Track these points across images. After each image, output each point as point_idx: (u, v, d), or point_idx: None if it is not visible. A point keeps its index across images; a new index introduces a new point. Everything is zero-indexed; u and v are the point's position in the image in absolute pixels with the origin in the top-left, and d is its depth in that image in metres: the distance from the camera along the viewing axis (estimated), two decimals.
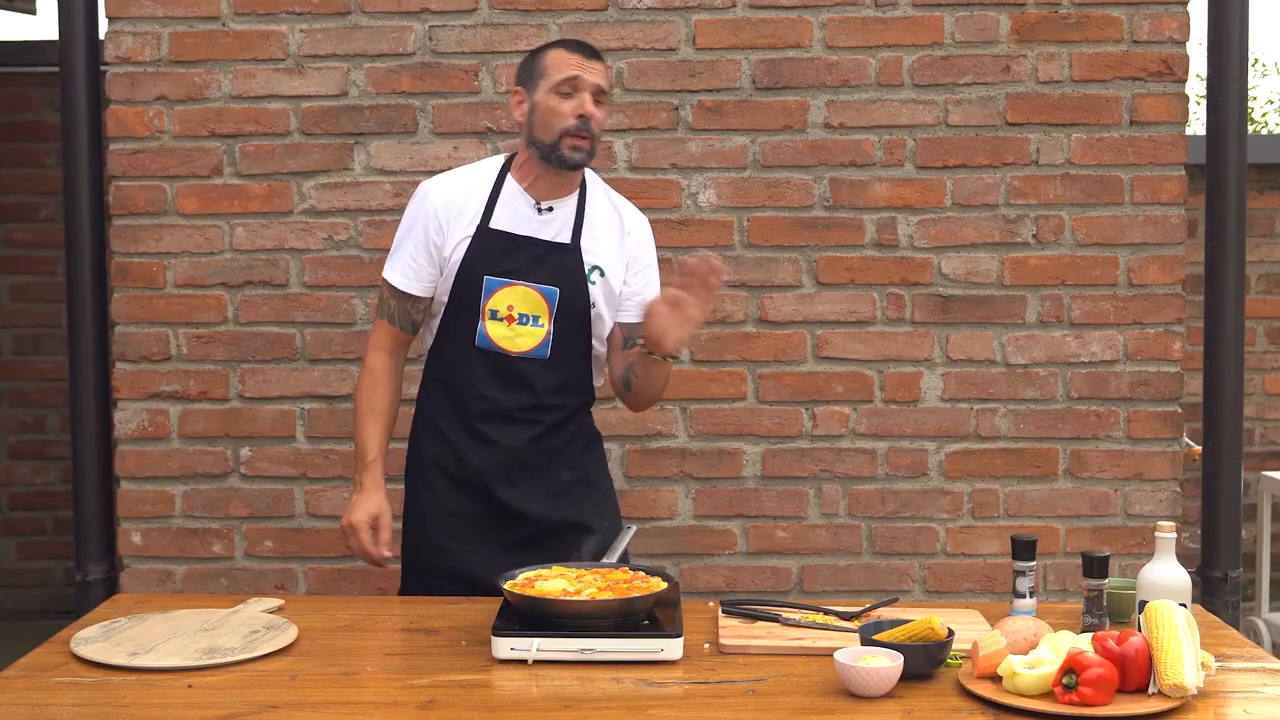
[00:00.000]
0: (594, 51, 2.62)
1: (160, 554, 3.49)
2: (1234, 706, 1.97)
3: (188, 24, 3.42)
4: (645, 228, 2.76)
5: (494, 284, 2.60)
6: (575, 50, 2.60)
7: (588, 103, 2.56)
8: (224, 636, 2.24)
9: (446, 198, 2.65)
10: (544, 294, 2.59)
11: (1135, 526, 3.43)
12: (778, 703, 1.97)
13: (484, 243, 2.61)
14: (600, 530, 2.66)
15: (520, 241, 2.61)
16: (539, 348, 2.61)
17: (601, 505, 2.76)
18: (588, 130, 2.56)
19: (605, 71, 2.62)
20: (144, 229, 3.46)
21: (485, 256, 2.60)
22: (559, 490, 2.67)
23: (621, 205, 2.74)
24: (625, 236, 2.70)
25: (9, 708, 1.96)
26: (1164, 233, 3.39)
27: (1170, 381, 3.41)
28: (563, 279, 2.60)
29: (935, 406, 3.44)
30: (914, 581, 3.48)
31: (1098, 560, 2.30)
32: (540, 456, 2.65)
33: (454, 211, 2.63)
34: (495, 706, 1.98)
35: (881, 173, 3.40)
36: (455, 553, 2.68)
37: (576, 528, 2.64)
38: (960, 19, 3.37)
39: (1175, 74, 3.35)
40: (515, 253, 2.61)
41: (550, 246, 2.62)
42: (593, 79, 2.57)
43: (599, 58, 2.62)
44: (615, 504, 2.82)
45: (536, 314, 2.60)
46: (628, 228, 2.71)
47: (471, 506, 2.68)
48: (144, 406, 3.48)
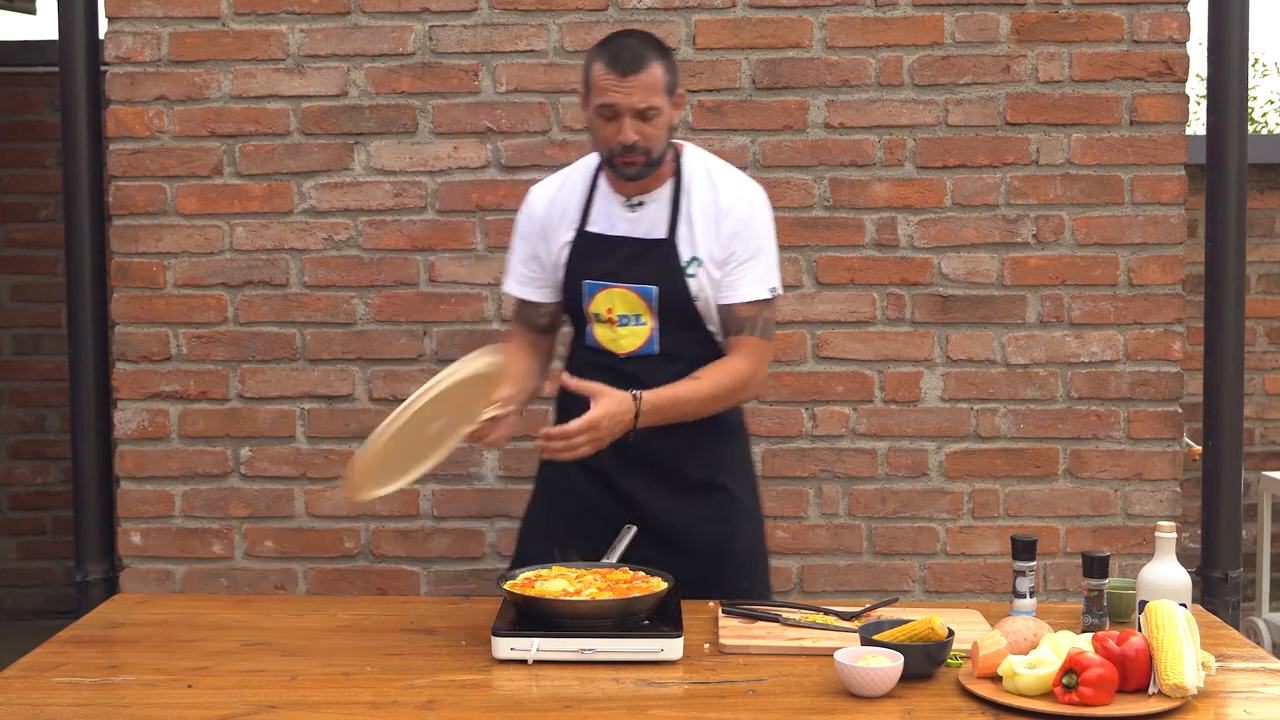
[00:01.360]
0: (634, 62, 2.43)
1: (160, 554, 3.49)
2: (1234, 706, 1.97)
3: (188, 24, 3.42)
4: (748, 203, 2.56)
5: (593, 287, 2.57)
6: (612, 67, 2.44)
7: (625, 130, 2.43)
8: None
9: (546, 204, 2.64)
10: (641, 294, 2.54)
11: (1135, 526, 3.43)
12: (778, 703, 1.97)
13: (582, 246, 2.58)
14: (720, 533, 2.61)
15: (614, 242, 2.56)
16: (645, 346, 2.56)
17: (726, 508, 2.65)
18: (634, 151, 2.45)
19: (647, 84, 2.43)
20: (144, 229, 3.46)
21: (583, 260, 2.58)
22: (683, 489, 2.60)
23: (722, 182, 2.57)
24: (723, 217, 2.54)
25: (9, 708, 1.96)
26: (1164, 233, 3.39)
27: (1170, 381, 3.42)
28: (660, 276, 2.52)
29: (935, 406, 3.44)
30: (914, 581, 3.48)
31: (1098, 560, 2.30)
32: (661, 455, 2.56)
33: (554, 216, 2.62)
34: (495, 706, 1.98)
35: (881, 173, 3.40)
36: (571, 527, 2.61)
37: (697, 527, 2.58)
38: (960, 19, 3.37)
39: (1175, 74, 3.35)
40: (611, 254, 2.55)
41: (645, 244, 2.54)
42: (630, 101, 2.42)
43: (639, 68, 2.42)
44: (745, 504, 2.69)
45: (638, 313, 2.55)
46: (724, 206, 2.54)
47: (594, 494, 2.61)
48: (144, 406, 3.48)
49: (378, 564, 3.49)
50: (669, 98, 2.49)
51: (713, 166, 2.61)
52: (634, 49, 2.46)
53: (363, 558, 3.49)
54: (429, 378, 3.43)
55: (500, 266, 3.44)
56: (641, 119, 2.44)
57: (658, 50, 2.49)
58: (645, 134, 2.45)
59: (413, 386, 3.42)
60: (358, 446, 2.32)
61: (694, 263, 2.53)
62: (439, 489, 3.47)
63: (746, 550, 2.69)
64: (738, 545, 2.67)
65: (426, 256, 3.44)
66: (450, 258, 3.44)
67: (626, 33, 2.57)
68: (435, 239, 3.44)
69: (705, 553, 2.59)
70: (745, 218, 2.55)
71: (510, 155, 3.42)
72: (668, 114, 2.48)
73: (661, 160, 2.51)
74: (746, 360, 2.55)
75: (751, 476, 2.75)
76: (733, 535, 2.65)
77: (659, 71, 2.46)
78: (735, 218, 2.54)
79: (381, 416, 3.43)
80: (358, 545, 3.49)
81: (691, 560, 2.54)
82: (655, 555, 2.50)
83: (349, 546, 3.49)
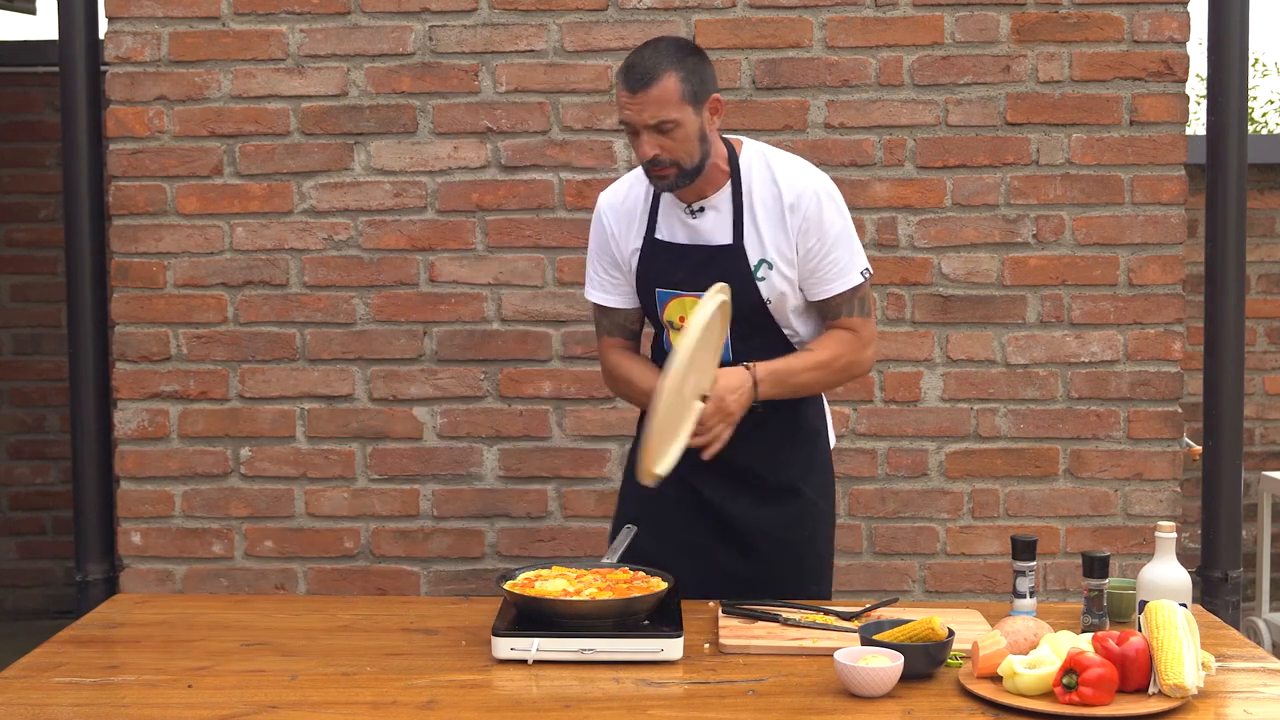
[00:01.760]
0: (642, 78, 2.38)
1: (160, 554, 3.49)
2: (1234, 706, 1.97)
3: (188, 24, 3.42)
4: (812, 196, 2.49)
5: (665, 296, 2.56)
6: (624, 84, 2.40)
7: (643, 146, 2.40)
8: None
9: (615, 210, 2.61)
10: None
11: (1135, 526, 3.43)
12: (778, 703, 1.97)
13: (652, 254, 2.56)
14: (799, 539, 2.61)
15: (682, 250, 2.52)
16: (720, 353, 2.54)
17: (804, 512, 2.62)
18: (658, 165, 2.42)
19: (658, 98, 2.37)
20: (144, 229, 3.46)
21: (654, 268, 2.56)
22: (764, 494, 2.59)
23: (784, 177, 2.50)
24: (788, 214, 2.48)
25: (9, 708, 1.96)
26: (1164, 233, 3.39)
27: (1170, 381, 3.42)
28: (728, 281, 2.44)
29: (935, 406, 3.44)
30: (914, 581, 3.48)
31: (1098, 560, 2.30)
32: (742, 458, 2.53)
33: (623, 223, 2.60)
34: (495, 706, 1.98)
35: (881, 173, 3.40)
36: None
37: (776, 533, 2.58)
38: (960, 19, 3.37)
39: (1175, 74, 3.35)
40: (680, 262, 2.52)
41: (712, 251, 2.50)
42: (642, 117, 2.38)
43: (647, 83, 2.37)
44: (822, 508, 2.66)
45: None
46: (789, 202, 2.48)
47: (679, 497, 2.60)
48: (144, 406, 3.48)
49: (378, 564, 3.49)
50: (692, 106, 2.41)
51: (773, 160, 2.54)
52: (646, 62, 2.40)
53: (363, 558, 3.49)
54: (429, 378, 3.47)
55: (500, 266, 3.44)
56: (659, 133, 2.40)
57: (675, 60, 2.41)
58: (666, 147, 2.40)
59: (413, 387, 3.46)
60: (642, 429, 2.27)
61: (763, 265, 2.50)
62: (439, 489, 3.48)
63: (819, 555, 2.70)
64: (812, 550, 2.67)
65: (426, 256, 3.44)
66: (450, 258, 3.44)
67: (650, 43, 2.48)
68: (435, 239, 3.44)
69: (782, 558, 2.59)
70: (812, 211, 2.49)
71: (510, 155, 3.42)
72: (692, 123, 2.41)
73: (699, 170, 2.46)
74: (854, 333, 2.55)
75: (829, 479, 2.74)
76: (809, 540, 2.66)
77: (672, 83, 2.38)
78: (801, 213, 2.48)
79: (381, 416, 3.46)
80: (358, 545, 3.49)
81: (769, 565, 2.56)
82: (733, 560, 2.55)
83: (349, 546, 3.49)
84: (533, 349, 3.45)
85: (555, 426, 3.47)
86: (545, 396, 3.46)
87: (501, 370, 3.45)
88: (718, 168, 2.51)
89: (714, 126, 2.49)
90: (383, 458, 3.48)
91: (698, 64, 2.45)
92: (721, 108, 2.50)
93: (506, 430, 3.47)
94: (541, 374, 3.45)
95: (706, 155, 2.47)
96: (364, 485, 3.48)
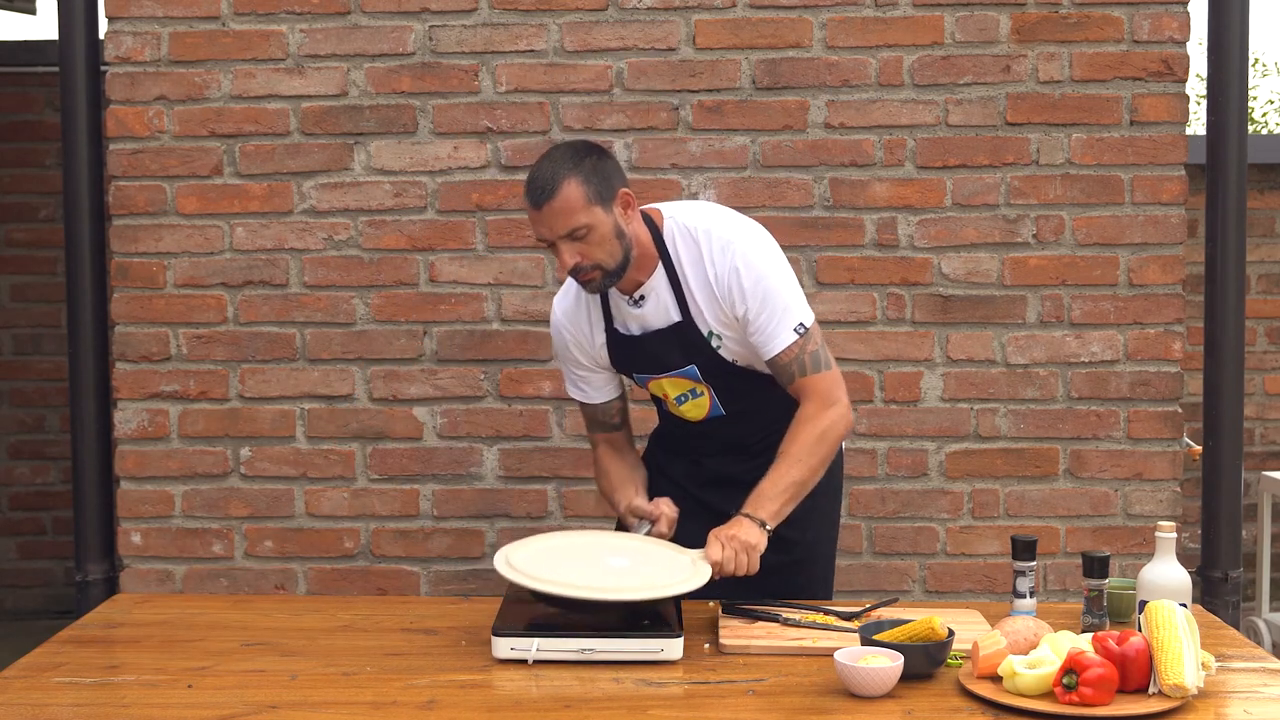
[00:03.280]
0: (541, 191, 2.35)
1: (160, 554, 3.49)
2: (1234, 706, 1.97)
3: (188, 24, 3.42)
4: (729, 264, 2.44)
5: (642, 379, 2.61)
6: (528, 200, 2.38)
7: (562, 256, 2.37)
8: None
9: (569, 319, 2.62)
10: (684, 375, 2.55)
11: (1135, 526, 3.43)
12: (778, 703, 1.97)
13: (616, 345, 2.59)
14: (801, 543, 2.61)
15: (640, 340, 2.55)
16: (711, 411, 2.59)
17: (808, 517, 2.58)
18: (582, 271, 2.39)
19: (561, 209, 2.34)
20: (144, 229, 3.46)
21: (622, 358, 2.60)
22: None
23: (705, 245, 2.47)
24: (714, 286, 2.46)
25: (9, 708, 1.96)
26: (1164, 233, 3.39)
27: (1170, 381, 3.41)
28: (692, 355, 2.52)
29: (935, 406, 3.44)
30: (914, 581, 3.48)
31: (1098, 560, 2.30)
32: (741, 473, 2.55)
33: (581, 326, 2.61)
34: (495, 706, 1.98)
35: (881, 173, 3.40)
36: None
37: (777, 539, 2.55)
38: (960, 19, 3.37)
39: (1175, 74, 3.35)
40: (643, 350, 2.55)
41: (665, 333, 2.52)
42: (552, 230, 2.36)
43: (549, 196, 2.34)
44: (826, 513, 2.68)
45: (691, 388, 2.57)
46: (710, 276, 2.46)
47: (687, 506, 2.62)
48: (144, 406, 3.48)
49: (378, 564, 3.49)
50: (600, 207, 2.37)
51: (695, 228, 2.49)
52: (544, 175, 2.37)
53: (363, 558, 3.50)
54: (429, 378, 3.47)
55: (500, 266, 3.44)
56: (573, 239, 2.36)
57: (572, 165, 2.37)
58: (584, 253, 2.38)
59: (413, 387, 3.46)
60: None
61: (714, 336, 2.52)
62: (439, 489, 3.48)
63: (824, 559, 2.72)
64: (816, 554, 2.69)
65: (426, 256, 3.44)
66: (450, 258, 3.44)
67: (546, 155, 2.43)
68: (435, 239, 3.44)
69: (785, 563, 2.59)
70: (733, 283, 2.45)
71: (510, 155, 3.42)
72: (605, 224, 2.37)
73: (624, 266, 2.42)
74: (812, 403, 2.48)
75: (837, 484, 2.75)
76: (813, 544, 2.68)
77: (573, 190, 2.34)
78: (724, 282, 2.45)
79: (381, 416, 3.46)
80: (358, 545, 3.49)
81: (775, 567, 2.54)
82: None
83: (349, 546, 3.49)
84: (533, 349, 3.45)
85: (555, 426, 3.47)
86: (545, 396, 3.46)
87: (501, 370, 3.45)
88: (645, 254, 2.48)
89: (631, 220, 2.44)
90: (383, 458, 3.48)
91: (597, 163, 2.41)
92: (633, 200, 2.45)
93: (506, 430, 3.47)
94: (541, 374, 3.45)
95: (629, 250, 2.43)
96: (364, 485, 3.48)
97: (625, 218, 2.43)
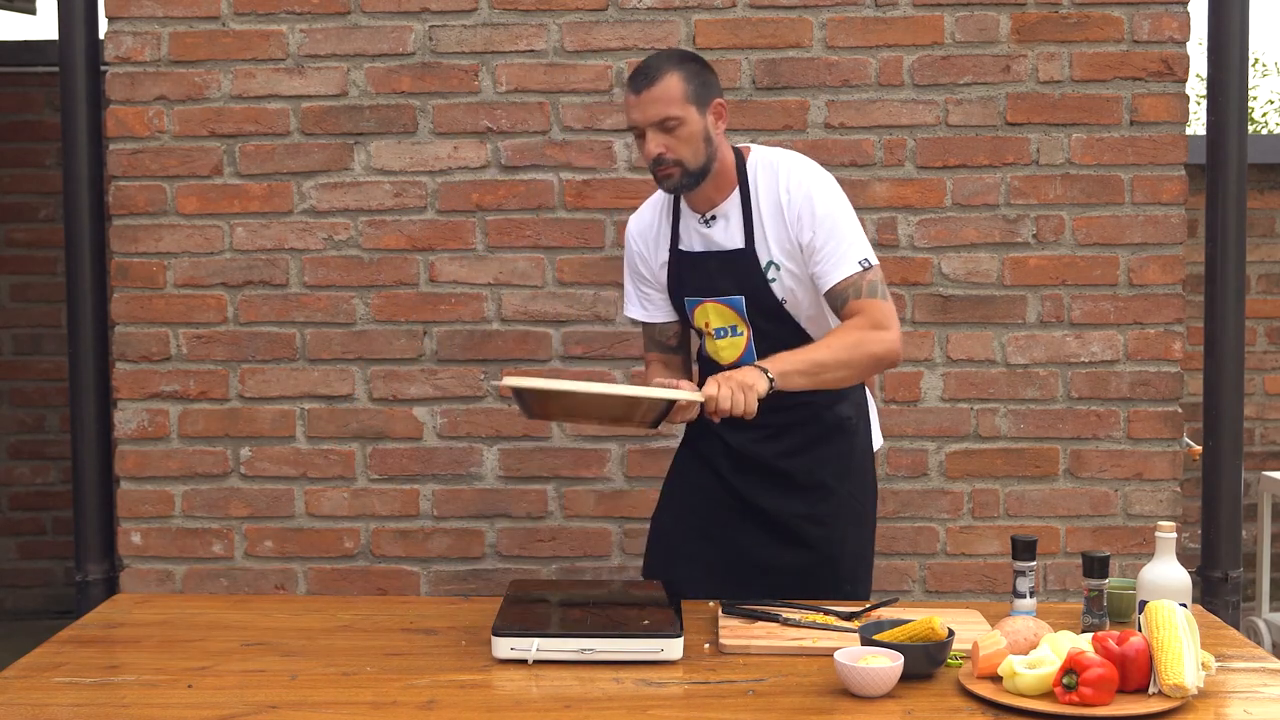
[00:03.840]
0: (645, 77, 2.47)
1: (160, 554, 3.49)
2: (1234, 706, 1.97)
3: (188, 24, 3.42)
4: (802, 189, 2.51)
5: (691, 304, 2.64)
6: (629, 87, 2.50)
7: (648, 145, 2.47)
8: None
9: (640, 233, 2.72)
10: (730, 304, 2.58)
11: (1135, 526, 3.43)
12: (778, 703, 1.97)
13: (677, 264, 2.65)
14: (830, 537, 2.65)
15: (700, 258, 2.61)
16: (744, 355, 2.60)
17: (835, 511, 2.65)
18: (663, 164, 2.48)
19: (660, 96, 2.45)
20: (144, 229, 3.46)
21: (680, 278, 2.65)
22: (793, 489, 2.64)
23: (783, 177, 2.54)
24: (786, 210, 2.52)
25: (9, 708, 1.96)
26: (1164, 233, 3.39)
27: (1170, 381, 3.41)
28: (743, 285, 2.56)
29: (935, 406, 3.44)
30: (914, 581, 3.48)
31: (1098, 560, 2.30)
32: (767, 457, 2.61)
33: (649, 241, 2.70)
34: (495, 706, 1.98)
35: (881, 173, 3.40)
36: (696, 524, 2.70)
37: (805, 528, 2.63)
38: (960, 19, 3.37)
39: (1175, 74, 3.35)
40: (700, 269, 2.61)
41: (726, 256, 2.57)
42: (646, 115, 2.46)
43: (651, 82, 2.46)
44: (856, 509, 2.69)
45: (733, 324, 2.60)
46: (784, 200, 2.52)
47: (713, 487, 2.68)
48: (144, 406, 3.48)
49: (378, 564, 3.49)
50: (695, 107, 2.48)
51: (778, 162, 2.58)
52: (650, 65, 2.50)
53: (363, 558, 3.50)
54: (429, 378, 3.47)
55: (500, 266, 3.44)
56: (663, 130, 2.46)
57: (678, 62, 2.50)
58: (669, 146, 2.47)
59: (413, 387, 3.46)
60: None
61: (772, 266, 2.55)
62: (439, 489, 3.48)
63: (854, 555, 2.72)
64: (845, 549, 2.69)
65: (426, 256, 3.45)
66: (450, 258, 3.44)
67: (656, 52, 2.60)
68: (435, 239, 3.44)
69: (815, 554, 2.64)
70: (804, 205, 2.51)
71: (510, 155, 3.42)
72: (696, 123, 2.48)
73: (704, 171, 2.51)
74: (862, 318, 2.49)
75: (868, 481, 2.75)
76: (841, 539, 2.68)
77: (674, 82, 2.46)
78: (796, 209, 2.51)
79: (381, 416, 3.47)
80: (358, 545, 3.49)
81: (805, 561, 2.62)
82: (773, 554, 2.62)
83: (349, 546, 3.49)
84: (533, 349, 3.45)
85: (555, 426, 3.47)
86: None
87: (501, 370, 3.45)
88: (725, 175, 2.56)
89: (719, 131, 2.54)
90: (383, 458, 3.48)
91: (700, 69, 2.53)
92: (725, 113, 2.55)
93: (506, 430, 3.47)
94: (542, 374, 3.45)
95: (712, 158, 2.52)
96: (364, 485, 3.48)
97: (715, 126, 2.52)
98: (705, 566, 2.66)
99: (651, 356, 2.80)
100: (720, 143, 2.55)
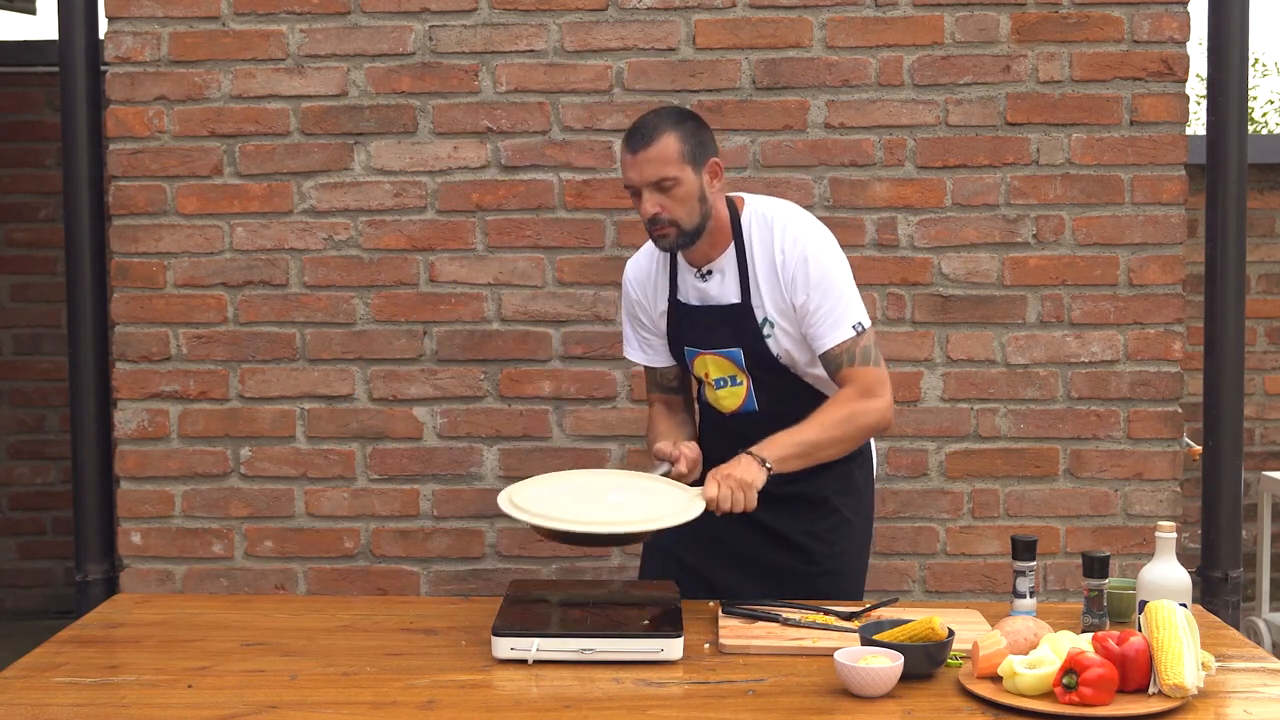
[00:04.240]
0: (643, 138, 2.46)
1: (160, 554, 3.49)
2: (1234, 706, 1.97)
3: (188, 24, 3.42)
4: (798, 250, 2.52)
5: (690, 354, 2.65)
6: (625, 147, 2.50)
7: (645, 205, 2.47)
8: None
9: (639, 279, 2.73)
10: (729, 356, 2.60)
11: (1135, 526, 3.43)
12: (778, 703, 1.97)
13: (676, 314, 2.66)
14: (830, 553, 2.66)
15: (698, 311, 2.62)
16: (745, 404, 2.62)
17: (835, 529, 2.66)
18: (659, 224, 2.48)
19: (657, 157, 2.44)
20: (144, 229, 3.46)
21: (678, 328, 2.66)
22: (793, 506, 2.61)
23: (779, 231, 2.55)
24: (780, 271, 2.53)
25: (9, 708, 1.96)
26: (1164, 233, 3.39)
27: (1170, 381, 3.41)
28: (741, 338, 2.57)
29: (935, 406, 3.44)
30: (914, 581, 3.48)
31: (1098, 560, 2.30)
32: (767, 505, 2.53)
33: (647, 290, 2.71)
34: (495, 706, 1.98)
35: (881, 173, 3.40)
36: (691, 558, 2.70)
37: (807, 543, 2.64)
38: (960, 19, 3.37)
39: (1175, 74, 3.35)
40: (697, 322, 2.62)
41: (722, 311, 2.58)
42: (642, 176, 2.46)
43: (648, 142, 2.45)
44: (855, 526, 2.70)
45: (731, 374, 2.61)
46: (779, 260, 2.53)
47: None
48: (144, 406, 3.48)
49: (378, 564, 3.49)
50: (691, 167, 2.48)
51: (773, 217, 2.57)
52: (647, 124, 2.49)
53: (363, 558, 3.49)
54: (429, 378, 3.47)
55: (500, 266, 3.44)
56: (659, 190, 2.46)
57: (675, 123, 2.49)
58: (665, 206, 2.47)
59: (413, 387, 3.46)
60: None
61: (767, 324, 2.56)
62: (439, 489, 3.48)
63: (853, 570, 2.73)
64: (844, 565, 2.71)
65: (426, 256, 3.45)
66: (450, 258, 3.44)
67: (652, 111, 2.58)
68: (435, 239, 3.44)
69: (815, 570, 2.65)
70: (799, 268, 2.51)
71: (510, 155, 3.42)
72: (691, 183, 2.48)
73: (699, 230, 2.51)
74: (853, 387, 2.52)
75: (866, 498, 2.76)
76: (841, 555, 2.69)
77: (671, 142, 2.46)
78: (790, 268, 2.52)
79: (381, 416, 3.47)
80: (358, 545, 3.49)
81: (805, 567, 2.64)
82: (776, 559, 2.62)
83: (349, 546, 3.49)
84: (533, 349, 3.45)
85: (555, 426, 3.47)
86: (545, 396, 3.46)
87: (501, 370, 3.45)
88: (720, 231, 2.57)
89: (715, 190, 2.54)
90: (383, 458, 3.48)
91: (696, 128, 2.53)
92: (721, 172, 2.55)
93: (506, 430, 3.47)
94: (541, 374, 3.45)
95: (707, 216, 2.53)
96: (364, 485, 3.48)
97: (710, 186, 2.53)
98: (697, 569, 2.66)
99: (654, 397, 2.81)
100: (716, 200, 2.55)
